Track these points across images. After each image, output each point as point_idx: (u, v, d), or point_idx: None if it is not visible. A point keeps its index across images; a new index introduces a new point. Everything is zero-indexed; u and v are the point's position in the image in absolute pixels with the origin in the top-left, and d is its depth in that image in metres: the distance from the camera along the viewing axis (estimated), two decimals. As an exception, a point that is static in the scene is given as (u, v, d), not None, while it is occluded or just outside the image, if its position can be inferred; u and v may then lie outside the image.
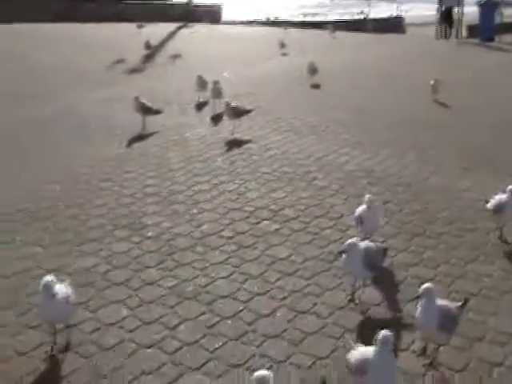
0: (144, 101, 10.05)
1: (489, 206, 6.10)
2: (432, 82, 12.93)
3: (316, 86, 13.93)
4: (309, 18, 60.67)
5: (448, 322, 4.06)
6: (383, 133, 10.09)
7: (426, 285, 4.12)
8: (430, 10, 45.85)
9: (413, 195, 7.26)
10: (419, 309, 4.11)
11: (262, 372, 3.28)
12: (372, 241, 5.26)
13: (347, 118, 10.94)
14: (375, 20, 55.48)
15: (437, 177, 7.94)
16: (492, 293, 5.13)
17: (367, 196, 5.60)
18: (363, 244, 4.83)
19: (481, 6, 39.59)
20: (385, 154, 8.84)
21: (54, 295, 4.04)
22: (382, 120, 11.01)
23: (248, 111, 9.89)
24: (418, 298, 4.14)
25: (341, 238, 5.89)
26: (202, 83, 11.86)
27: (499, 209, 5.95)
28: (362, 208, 5.57)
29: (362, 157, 8.64)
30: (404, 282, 5.26)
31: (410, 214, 6.70)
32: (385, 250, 5.07)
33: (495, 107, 12.39)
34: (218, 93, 11.07)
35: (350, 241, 4.73)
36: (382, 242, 5.76)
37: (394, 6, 58.68)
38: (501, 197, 5.99)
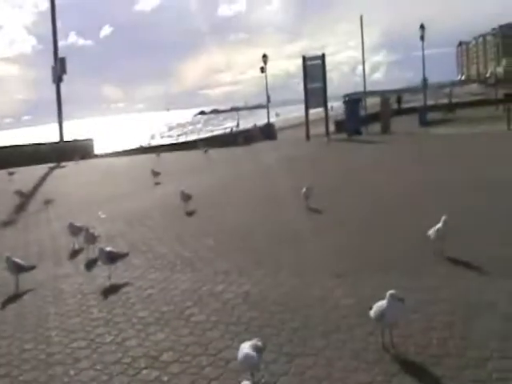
0: (16, 259, 9.84)
1: (371, 314, 6.33)
2: (304, 190, 13.66)
3: (190, 214, 14.22)
4: (181, 139, 62.31)
5: None
6: (258, 253, 10.39)
7: None
8: (299, 112, 48.24)
9: (290, 313, 7.44)
10: None
11: None
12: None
13: (221, 244, 11.21)
14: (246, 131, 57.69)
15: (313, 289, 8.22)
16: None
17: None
18: None
19: (345, 102, 42.60)
20: (259, 274, 9.09)
21: None
22: (258, 238, 11.38)
23: (124, 255, 9.91)
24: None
25: (222, 374, 5.98)
26: (74, 230, 11.78)
27: (381, 316, 6.16)
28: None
29: (238, 281, 8.83)
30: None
31: (290, 333, 6.86)
32: None
33: (362, 209, 13.19)
34: (90, 239, 11.06)
35: None
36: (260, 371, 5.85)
37: (265, 113, 61.21)
38: (382, 303, 6.19)
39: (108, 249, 9.67)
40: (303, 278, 8.71)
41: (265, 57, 61.67)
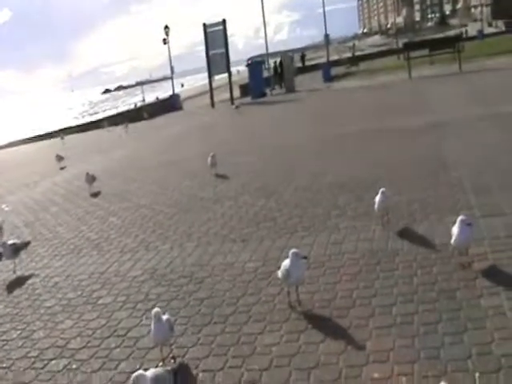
0: None
1: (278, 274, 6.41)
2: (209, 159, 13.67)
3: (95, 195, 13.98)
4: (86, 119, 60.99)
5: None
6: (165, 226, 10.32)
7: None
8: (205, 80, 47.91)
9: (197, 283, 7.45)
10: None
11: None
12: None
13: (127, 222, 11.09)
14: (150, 105, 57.09)
15: (219, 257, 8.26)
16: (282, 360, 5.36)
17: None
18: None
19: (248, 65, 42.78)
20: (166, 248, 9.06)
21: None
22: (164, 211, 11.33)
23: (26, 244, 9.66)
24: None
25: (130, 354, 5.94)
26: (-26, 227, 11.38)
27: (288, 275, 6.21)
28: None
29: (145, 258, 8.76)
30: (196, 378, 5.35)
31: (197, 304, 6.86)
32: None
33: (267, 172, 13.30)
34: (-6, 234, 10.72)
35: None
36: (171, 345, 5.84)
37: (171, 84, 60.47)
38: (286, 262, 6.25)
39: (10, 242, 9.38)
40: (209, 247, 8.73)
41: (167, 28, 60.68)
